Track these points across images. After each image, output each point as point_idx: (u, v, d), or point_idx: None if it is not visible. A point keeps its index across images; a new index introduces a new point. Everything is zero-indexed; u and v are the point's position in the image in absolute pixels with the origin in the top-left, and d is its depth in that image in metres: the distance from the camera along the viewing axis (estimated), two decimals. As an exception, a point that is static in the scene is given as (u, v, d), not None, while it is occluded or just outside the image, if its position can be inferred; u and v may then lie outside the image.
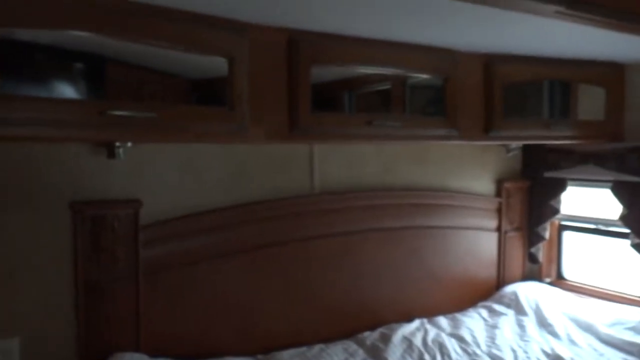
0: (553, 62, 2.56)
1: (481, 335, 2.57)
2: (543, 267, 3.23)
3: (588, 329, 2.59)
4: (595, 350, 2.42)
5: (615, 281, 2.94)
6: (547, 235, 3.14)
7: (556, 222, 3.19)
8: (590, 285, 3.04)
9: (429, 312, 2.81)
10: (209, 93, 1.91)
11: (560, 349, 2.42)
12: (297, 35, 1.92)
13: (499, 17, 1.78)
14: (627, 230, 2.70)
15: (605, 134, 2.77)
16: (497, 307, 2.90)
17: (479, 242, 3.07)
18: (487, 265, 3.11)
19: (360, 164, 2.69)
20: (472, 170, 3.06)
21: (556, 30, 2.00)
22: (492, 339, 2.54)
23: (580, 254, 3.18)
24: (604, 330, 2.54)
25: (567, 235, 3.21)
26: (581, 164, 2.84)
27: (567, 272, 3.21)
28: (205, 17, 1.70)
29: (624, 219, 2.69)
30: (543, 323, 2.69)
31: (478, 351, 2.41)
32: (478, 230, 3.06)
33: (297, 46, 1.92)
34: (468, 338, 2.53)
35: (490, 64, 2.41)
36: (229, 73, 1.78)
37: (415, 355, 2.34)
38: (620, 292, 2.87)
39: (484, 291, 3.08)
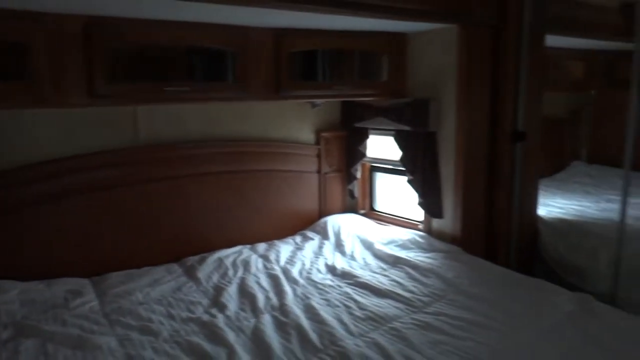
0: (340, 34, 3.10)
1: (285, 255, 3.19)
2: (359, 201, 3.92)
3: (368, 247, 3.25)
4: (365, 262, 3.07)
5: (403, 209, 3.66)
6: (359, 175, 3.81)
7: (367, 164, 3.86)
8: (390, 214, 3.76)
9: (254, 241, 3.44)
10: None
11: (340, 262, 3.07)
12: (92, 20, 2.38)
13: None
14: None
15: (389, 91, 3.39)
16: (309, 233, 3.57)
17: (301, 182, 3.69)
18: (310, 201, 3.76)
19: (184, 120, 3.18)
20: (293, 123, 3.64)
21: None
22: (292, 258, 3.17)
23: (389, 190, 3.87)
24: (378, 247, 3.20)
25: (380, 175, 3.89)
26: (375, 117, 3.45)
27: (378, 204, 3.92)
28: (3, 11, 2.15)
29: (402, 161, 3.36)
30: (338, 244, 3.35)
31: (275, 267, 3.02)
32: (300, 173, 3.68)
33: (92, 29, 2.39)
34: (272, 257, 3.15)
35: (279, 36, 2.93)
36: (28, 54, 2.24)
37: (221, 271, 2.93)
38: (404, 218, 3.60)
39: (307, 222, 3.74)
